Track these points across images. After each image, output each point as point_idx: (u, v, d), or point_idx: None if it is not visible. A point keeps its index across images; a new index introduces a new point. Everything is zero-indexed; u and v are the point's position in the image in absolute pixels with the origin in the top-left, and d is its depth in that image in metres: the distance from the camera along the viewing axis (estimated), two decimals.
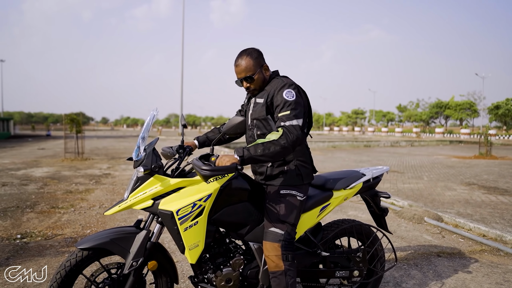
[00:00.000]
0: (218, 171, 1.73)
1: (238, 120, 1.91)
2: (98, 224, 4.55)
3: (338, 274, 2.31)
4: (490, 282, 2.92)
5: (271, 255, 1.99)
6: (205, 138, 2.40)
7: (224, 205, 2.02)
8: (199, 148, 2.39)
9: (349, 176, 2.37)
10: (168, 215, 1.88)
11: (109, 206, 5.47)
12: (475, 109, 63.26)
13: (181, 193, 1.92)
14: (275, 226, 2.01)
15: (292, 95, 1.96)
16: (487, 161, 12.75)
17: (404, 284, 2.88)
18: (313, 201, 2.21)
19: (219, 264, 2.09)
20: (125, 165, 10.82)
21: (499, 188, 6.79)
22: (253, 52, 2.10)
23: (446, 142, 30.49)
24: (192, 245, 1.92)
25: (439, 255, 3.52)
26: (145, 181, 1.91)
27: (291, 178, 2.08)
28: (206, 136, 2.41)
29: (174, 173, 2.02)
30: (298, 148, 2.08)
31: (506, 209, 5.08)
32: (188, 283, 2.84)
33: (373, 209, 2.63)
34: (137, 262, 1.92)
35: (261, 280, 2.11)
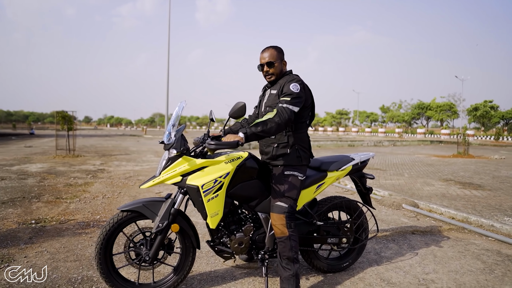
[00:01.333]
0: (222, 145, 2.19)
1: (240, 104, 2.33)
2: (106, 211, 4.91)
3: (330, 241, 2.80)
4: (454, 251, 3.46)
5: (277, 224, 2.45)
6: (229, 129, 2.84)
7: (239, 181, 2.48)
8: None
9: (341, 160, 2.86)
10: (194, 189, 2.33)
11: (112, 197, 5.84)
12: (455, 111, 65.10)
13: (205, 171, 2.37)
14: (280, 200, 2.48)
15: (297, 88, 2.45)
16: (464, 160, 13.44)
17: (383, 253, 3.39)
18: (310, 180, 2.69)
19: (233, 230, 2.55)
20: (118, 162, 11.10)
21: (474, 184, 7.28)
22: (277, 48, 2.64)
23: (427, 142, 31.48)
24: (213, 213, 2.37)
25: (413, 233, 4.05)
26: (175, 161, 2.35)
27: (292, 159, 2.55)
28: (230, 128, 2.87)
29: (198, 155, 2.46)
30: (300, 134, 2.57)
31: (478, 201, 5.58)
32: (207, 252, 3.29)
33: (360, 188, 3.12)
34: (162, 224, 2.36)
35: (267, 244, 2.58)
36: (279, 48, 2.65)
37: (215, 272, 2.95)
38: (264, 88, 2.80)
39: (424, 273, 2.96)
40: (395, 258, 3.27)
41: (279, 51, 2.62)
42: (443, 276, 2.90)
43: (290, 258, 2.43)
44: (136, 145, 20.31)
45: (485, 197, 5.96)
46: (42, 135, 34.09)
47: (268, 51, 2.60)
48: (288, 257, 2.43)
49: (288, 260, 2.43)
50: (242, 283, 2.75)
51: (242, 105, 2.30)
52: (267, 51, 2.61)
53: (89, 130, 62.01)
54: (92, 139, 25.99)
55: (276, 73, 2.61)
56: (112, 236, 2.35)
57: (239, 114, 2.31)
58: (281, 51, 2.64)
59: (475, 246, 3.63)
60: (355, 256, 2.98)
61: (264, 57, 2.60)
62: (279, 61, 2.61)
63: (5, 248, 3.38)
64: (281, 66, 2.63)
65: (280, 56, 2.62)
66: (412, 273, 2.95)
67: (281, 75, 2.63)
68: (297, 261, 2.46)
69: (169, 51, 40.37)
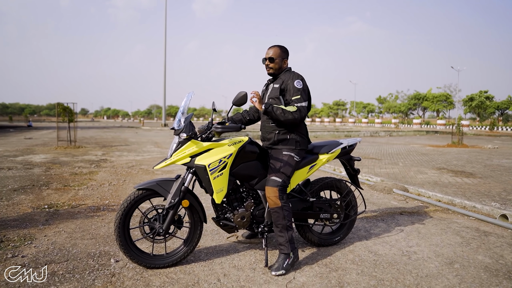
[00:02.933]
0: (227, 128, 2.58)
1: (242, 94, 2.67)
2: (113, 197, 5.20)
3: (322, 216, 3.13)
4: (436, 229, 3.80)
5: (271, 196, 2.76)
6: (231, 118, 3.18)
7: (241, 162, 2.79)
8: None
9: (330, 144, 3.18)
10: (202, 168, 2.63)
11: (117, 184, 6.14)
12: (451, 101, 65.37)
13: (211, 153, 2.67)
14: (275, 175, 2.80)
15: (300, 84, 2.83)
16: (458, 149, 13.68)
17: (372, 230, 3.73)
18: (304, 161, 3.01)
19: (236, 206, 2.86)
20: (119, 152, 11.37)
21: (465, 172, 7.53)
22: (283, 47, 3.00)
23: (423, 132, 31.78)
24: (219, 190, 2.67)
25: (401, 214, 4.39)
26: (184, 144, 2.65)
27: (291, 144, 2.90)
28: (232, 118, 3.19)
29: (204, 139, 2.76)
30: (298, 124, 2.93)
31: (468, 188, 5.82)
32: (212, 230, 3.60)
33: (349, 170, 3.44)
34: (174, 200, 2.67)
35: (266, 218, 2.90)
36: (284, 48, 3.00)
37: (220, 246, 3.27)
38: (266, 83, 3.13)
39: (408, 246, 3.29)
40: (383, 235, 3.60)
41: (283, 50, 2.98)
42: (425, 248, 3.23)
43: (283, 225, 2.75)
44: (135, 136, 20.56)
45: (475, 184, 6.17)
46: (40, 127, 34.20)
47: (273, 49, 2.96)
48: (282, 225, 2.75)
49: (282, 227, 2.76)
50: (245, 255, 3.06)
51: (244, 94, 2.60)
52: (272, 48, 2.97)
53: (86, 122, 62.04)
54: (91, 131, 26.20)
55: (275, 69, 2.96)
56: (129, 212, 2.65)
57: (241, 102, 2.62)
58: (285, 51, 2.99)
59: (457, 224, 3.96)
60: (345, 231, 3.31)
61: (268, 53, 2.96)
62: (280, 59, 2.95)
63: (26, 229, 3.68)
64: (281, 63, 2.97)
65: (282, 55, 2.96)
66: (397, 247, 3.28)
67: (280, 71, 2.97)
68: (291, 228, 2.80)
69: (166, 42, 40.40)
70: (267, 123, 2.95)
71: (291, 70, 3.00)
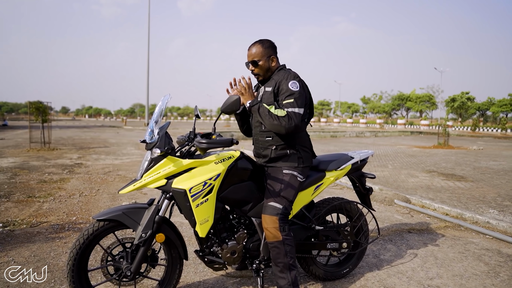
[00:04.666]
0: (215, 144, 1.95)
1: (234, 98, 2.06)
2: (83, 212, 4.55)
3: (329, 246, 2.57)
4: (454, 252, 3.31)
5: (269, 227, 2.20)
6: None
7: (231, 183, 2.21)
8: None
9: (339, 158, 2.62)
10: (181, 193, 2.04)
11: (89, 195, 5.47)
12: (434, 102, 66.70)
13: (193, 173, 2.09)
14: (274, 200, 2.23)
15: (296, 86, 2.21)
16: (445, 151, 13.66)
17: (382, 256, 3.21)
18: (308, 181, 2.45)
19: (224, 238, 2.28)
20: (96, 155, 10.62)
21: (456, 175, 7.36)
22: (266, 42, 2.34)
23: (407, 133, 32.01)
24: (203, 220, 2.09)
25: (409, 232, 3.90)
26: (159, 161, 2.06)
27: (293, 161, 2.32)
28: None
29: (183, 154, 2.17)
30: (300, 134, 2.34)
31: (462, 193, 5.60)
32: (195, 259, 3.01)
33: (358, 188, 2.91)
34: (146, 233, 2.07)
35: (262, 252, 2.33)
36: (268, 43, 2.35)
37: (205, 283, 2.68)
38: (256, 85, 2.53)
39: (428, 278, 2.78)
40: (395, 261, 3.09)
41: (266, 46, 2.33)
42: (449, 281, 2.73)
43: (285, 264, 2.19)
44: (116, 136, 19.67)
45: (468, 188, 6.01)
46: (16, 126, 32.70)
47: (254, 47, 2.32)
48: (283, 263, 2.19)
49: (283, 267, 2.20)
50: None
51: (236, 99, 2.02)
52: (253, 47, 2.33)
53: (66, 121, 60.08)
54: (70, 131, 25.07)
55: (263, 73, 2.34)
56: (87, 250, 2.05)
57: (232, 109, 2.03)
58: (269, 46, 2.35)
59: (474, 246, 3.49)
60: (355, 262, 2.77)
61: (249, 55, 2.33)
62: (265, 58, 2.32)
63: None
64: (268, 63, 2.34)
65: (267, 52, 2.33)
66: (416, 279, 2.77)
67: (270, 72, 2.36)
68: (294, 267, 2.23)
69: (149, 40, 39.40)
70: (261, 137, 2.36)
71: (285, 68, 2.38)
